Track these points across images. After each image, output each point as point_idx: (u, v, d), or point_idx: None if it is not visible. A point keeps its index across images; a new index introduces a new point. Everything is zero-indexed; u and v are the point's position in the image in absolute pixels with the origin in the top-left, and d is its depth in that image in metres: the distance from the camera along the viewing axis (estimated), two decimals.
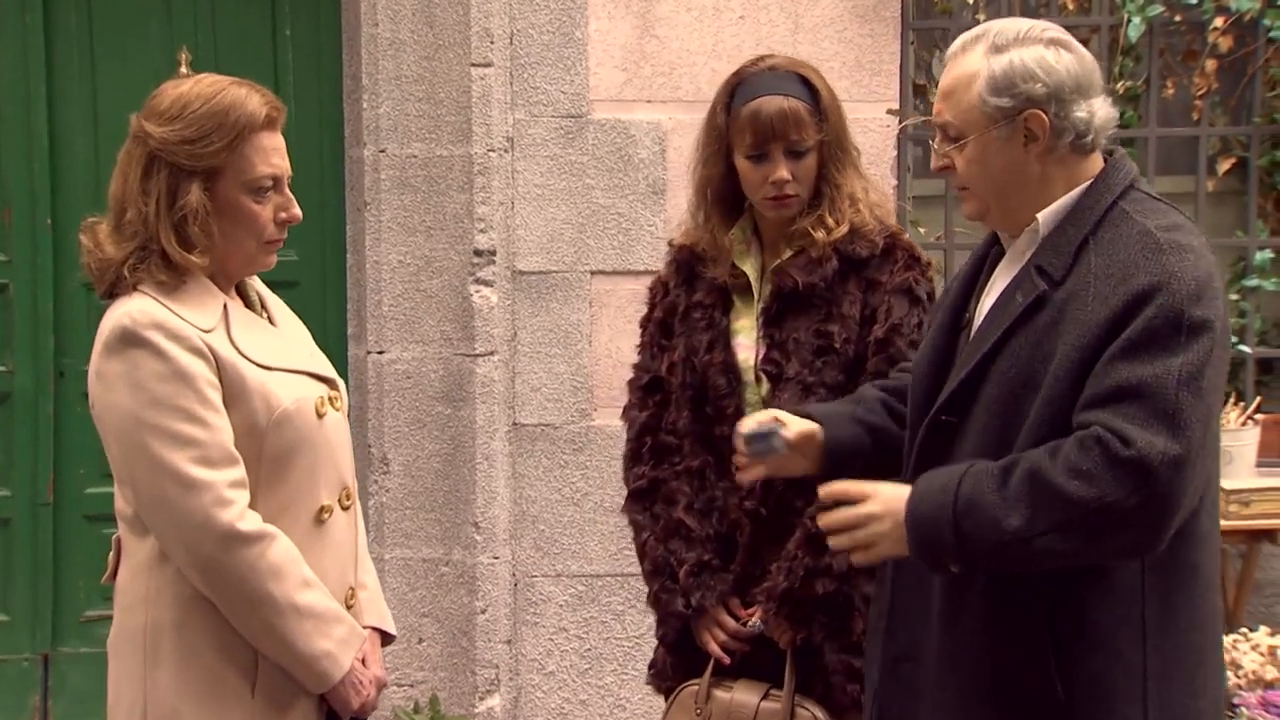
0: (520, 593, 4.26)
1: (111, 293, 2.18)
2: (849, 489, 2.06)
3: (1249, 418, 4.01)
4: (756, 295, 2.63)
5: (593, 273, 4.22)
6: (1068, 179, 2.01)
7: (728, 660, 2.60)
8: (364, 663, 2.25)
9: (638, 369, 2.78)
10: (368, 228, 4.19)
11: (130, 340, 2.09)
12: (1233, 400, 4.02)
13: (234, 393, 2.13)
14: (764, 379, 2.57)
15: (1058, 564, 1.90)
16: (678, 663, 2.68)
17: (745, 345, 2.62)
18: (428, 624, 4.24)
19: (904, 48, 4.21)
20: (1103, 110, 2.00)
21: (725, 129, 2.61)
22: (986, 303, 2.09)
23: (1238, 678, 3.22)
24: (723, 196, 2.67)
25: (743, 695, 2.57)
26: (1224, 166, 4.36)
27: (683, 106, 4.20)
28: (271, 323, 2.31)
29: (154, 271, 2.13)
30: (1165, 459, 1.81)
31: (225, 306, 2.19)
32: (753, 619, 2.58)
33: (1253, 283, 4.29)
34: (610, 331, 4.23)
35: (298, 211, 2.23)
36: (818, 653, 2.53)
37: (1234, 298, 4.33)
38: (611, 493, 4.23)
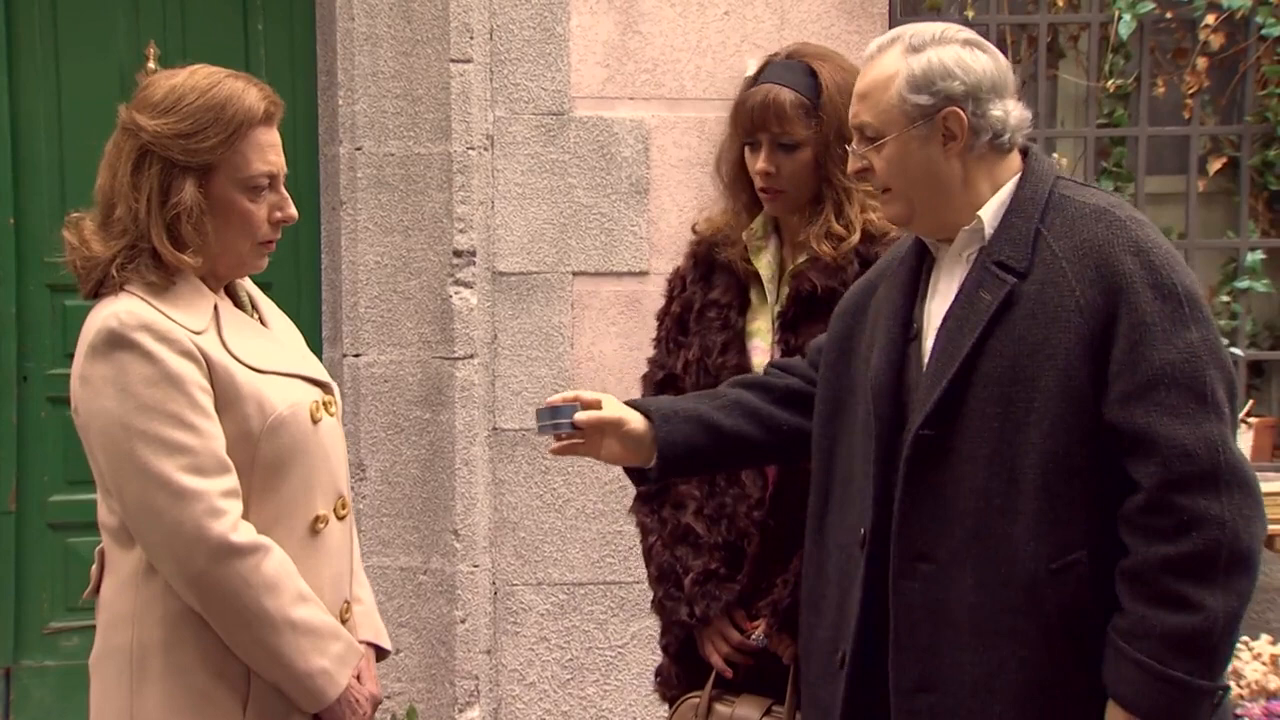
0: (500, 601, 4.18)
1: (96, 292, 2.09)
2: None
3: (1241, 421, 3.96)
4: (774, 296, 2.54)
5: (575, 274, 4.15)
6: (991, 178, 2.04)
7: (730, 673, 2.53)
8: (359, 679, 2.17)
9: (652, 364, 2.70)
10: (344, 228, 4.10)
11: (117, 342, 2.00)
12: None
13: (226, 397, 2.04)
14: None
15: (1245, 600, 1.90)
16: (682, 672, 2.61)
17: (761, 349, 2.53)
18: (405, 634, 4.15)
19: None
20: (1017, 111, 2.05)
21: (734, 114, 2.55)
22: (933, 309, 2.07)
23: (1240, 688, 3.16)
24: (737, 182, 2.59)
25: (744, 710, 2.50)
26: (1215, 166, 4.32)
27: (666, 104, 4.14)
28: (263, 324, 2.23)
29: (143, 271, 2.05)
30: (1219, 443, 1.86)
31: (216, 307, 2.11)
32: (756, 632, 2.51)
33: (1244, 284, 4.26)
34: (592, 334, 4.16)
35: (293, 211, 2.15)
36: None
37: (1224, 299, 4.30)
38: (594, 499, 4.17)
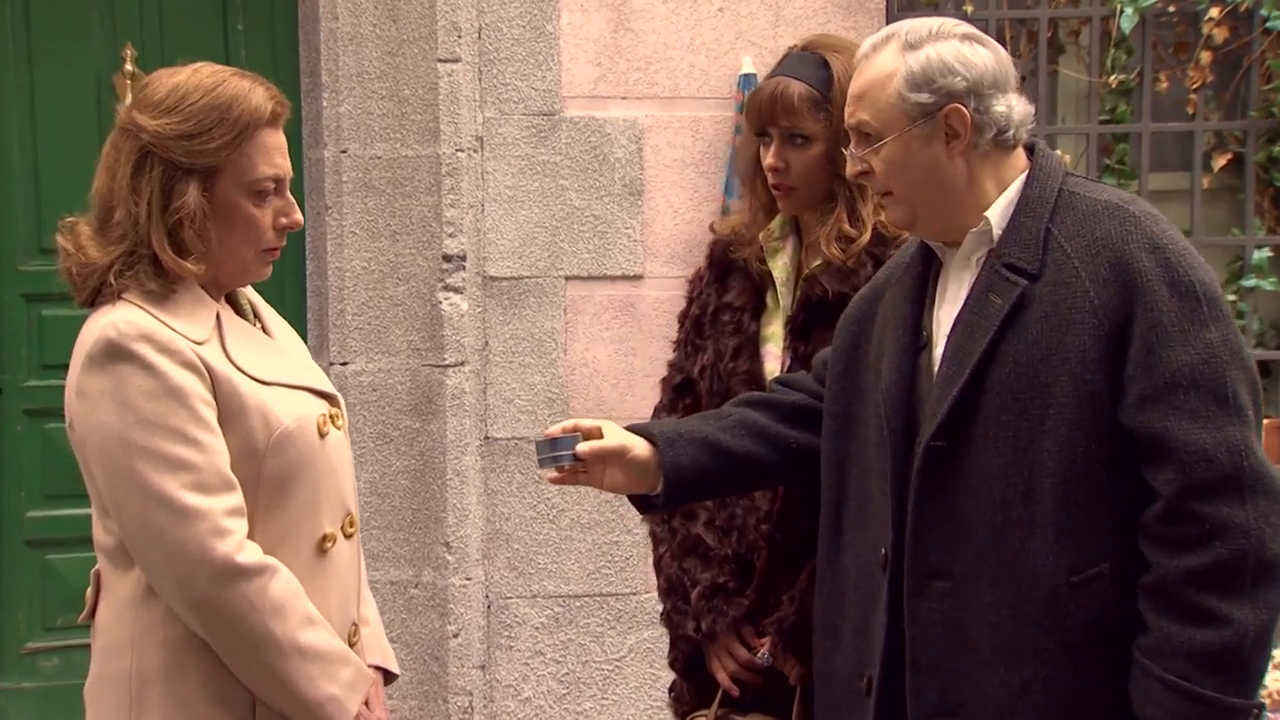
0: (494, 615, 4.09)
1: (92, 301, 2.00)
2: None
3: None
4: (788, 300, 2.45)
5: (567, 278, 4.06)
6: (996, 177, 1.96)
7: (736, 691, 2.44)
8: (368, 706, 2.07)
9: (672, 367, 2.63)
10: (329, 233, 4.00)
11: (116, 354, 1.91)
12: None
13: (230, 411, 1.95)
14: None
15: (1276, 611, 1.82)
16: (693, 688, 2.53)
17: (774, 354, 2.44)
18: (397, 649, 3.98)
19: None
20: (1020, 105, 1.96)
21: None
22: (943, 316, 1.99)
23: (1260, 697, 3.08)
24: (755, 180, 2.49)
25: None
26: (1219, 163, 4.24)
27: (660, 103, 4.05)
28: (266, 333, 2.13)
29: (142, 279, 1.96)
30: (1242, 448, 1.78)
31: (218, 317, 2.02)
32: (762, 650, 2.42)
33: (1250, 283, 4.19)
34: (586, 339, 4.07)
35: (299, 217, 2.06)
36: None
37: (1231, 298, 4.21)
38: (589, 509, 4.08)
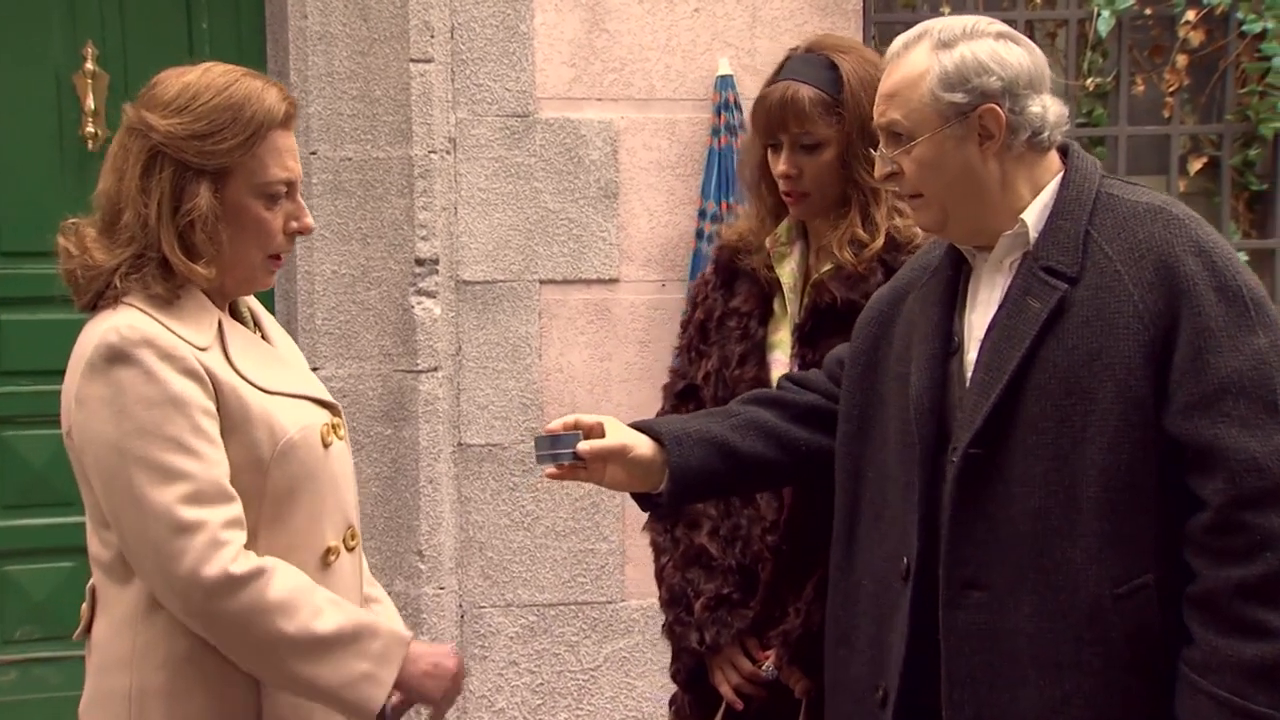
0: (468, 625, 4.02)
1: (93, 305, 1.94)
2: None
3: None
4: (795, 307, 2.40)
5: (542, 282, 4.00)
6: (1031, 179, 1.92)
7: (740, 705, 2.39)
8: (415, 662, 1.99)
9: (674, 373, 2.56)
10: (299, 236, 3.89)
11: (117, 359, 1.84)
12: None
13: (235, 421, 1.89)
14: None
15: None
16: (695, 701, 2.47)
17: (781, 361, 2.39)
18: None
19: (866, 42, 4.02)
20: (1055, 106, 1.93)
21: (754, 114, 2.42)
22: (975, 320, 1.95)
23: None
24: (761, 186, 2.45)
25: None
26: (1195, 166, 4.25)
27: (635, 105, 4.00)
28: (266, 341, 2.08)
29: (149, 282, 1.90)
30: None
31: (220, 324, 1.96)
32: (767, 663, 2.37)
33: None
34: (561, 344, 4.01)
35: (310, 221, 2.02)
36: None
37: None
38: (564, 516, 4.03)
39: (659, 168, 4.00)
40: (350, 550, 2.05)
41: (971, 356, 1.92)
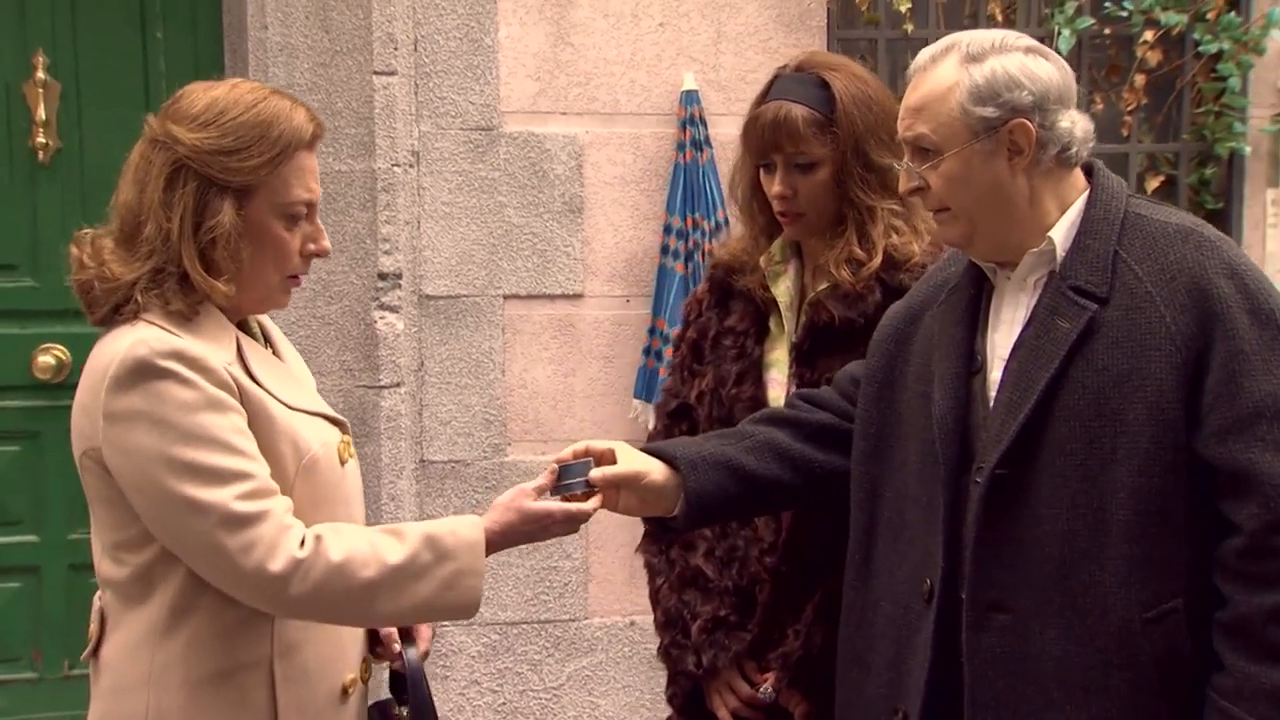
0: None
1: (106, 319, 1.89)
2: None
3: None
4: (792, 325, 2.38)
5: (505, 297, 3.96)
6: (1058, 196, 1.90)
7: None
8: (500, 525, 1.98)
9: (666, 393, 2.53)
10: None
11: (148, 371, 1.79)
12: None
13: (262, 434, 1.86)
14: None
15: None
16: None
17: (778, 380, 2.37)
18: None
19: None
20: (1082, 122, 1.92)
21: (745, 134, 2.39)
22: (998, 340, 1.93)
23: None
24: (754, 206, 2.43)
25: None
26: (1152, 185, 4.29)
27: (600, 119, 3.97)
28: (278, 357, 2.04)
29: (169, 298, 1.86)
30: None
31: (238, 340, 1.92)
32: (766, 685, 2.35)
33: None
34: (524, 360, 3.97)
35: (327, 244, 1.98)
36: None
37: None
38: None
39: (624, 182, 3.98)
40: None
41: (995, 376, 1.90)
